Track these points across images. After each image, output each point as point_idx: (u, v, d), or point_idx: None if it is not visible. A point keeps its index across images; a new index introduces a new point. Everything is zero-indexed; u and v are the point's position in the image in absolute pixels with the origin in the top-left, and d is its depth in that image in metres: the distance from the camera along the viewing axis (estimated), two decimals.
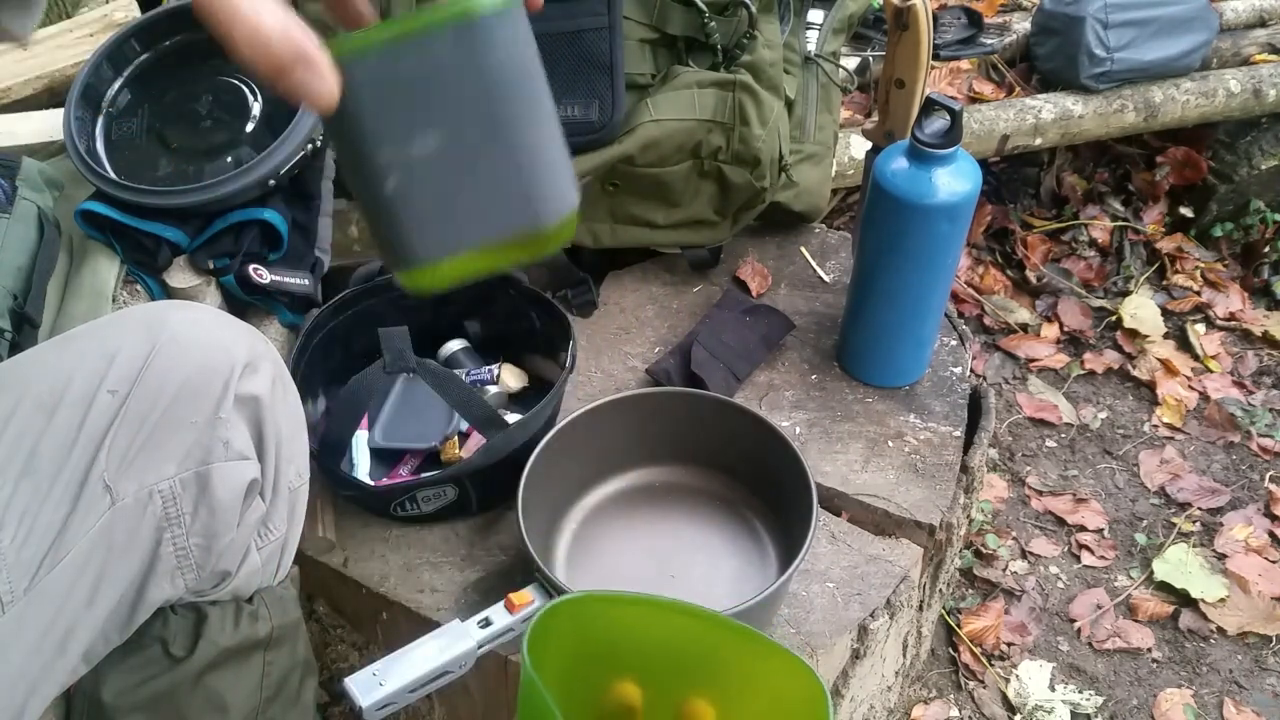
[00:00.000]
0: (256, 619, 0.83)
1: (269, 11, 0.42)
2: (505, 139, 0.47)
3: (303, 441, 0.85)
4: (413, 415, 1.19)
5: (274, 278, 1.13)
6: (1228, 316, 1.96)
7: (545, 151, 0.49)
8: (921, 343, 1.21)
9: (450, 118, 0.46)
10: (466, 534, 1.09)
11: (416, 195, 0.47)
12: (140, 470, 0.72)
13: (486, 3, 0.44)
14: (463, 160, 0.47)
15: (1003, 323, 1.93)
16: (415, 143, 0.46)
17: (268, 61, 0.42)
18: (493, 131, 0.47)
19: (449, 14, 0.44)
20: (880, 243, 1.13)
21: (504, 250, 0.49)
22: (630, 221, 1.30)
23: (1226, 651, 1.43)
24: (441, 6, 0.44)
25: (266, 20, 0.42)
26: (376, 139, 0.46)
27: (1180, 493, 1.64)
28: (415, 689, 0.82)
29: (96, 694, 0.78)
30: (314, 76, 0.43)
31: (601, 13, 1.17)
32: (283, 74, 0.42)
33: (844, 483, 1.12)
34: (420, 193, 0.47)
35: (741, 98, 1.21)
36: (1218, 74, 1.92)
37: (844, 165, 1.66)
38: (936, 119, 1.05)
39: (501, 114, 0.47)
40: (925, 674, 1.40)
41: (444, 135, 0.46)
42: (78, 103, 1.10)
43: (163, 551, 0.74)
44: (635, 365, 1.26)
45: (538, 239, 0.50)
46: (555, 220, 0.50)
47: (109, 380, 0.72)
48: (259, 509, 0.80)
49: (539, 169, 0.49)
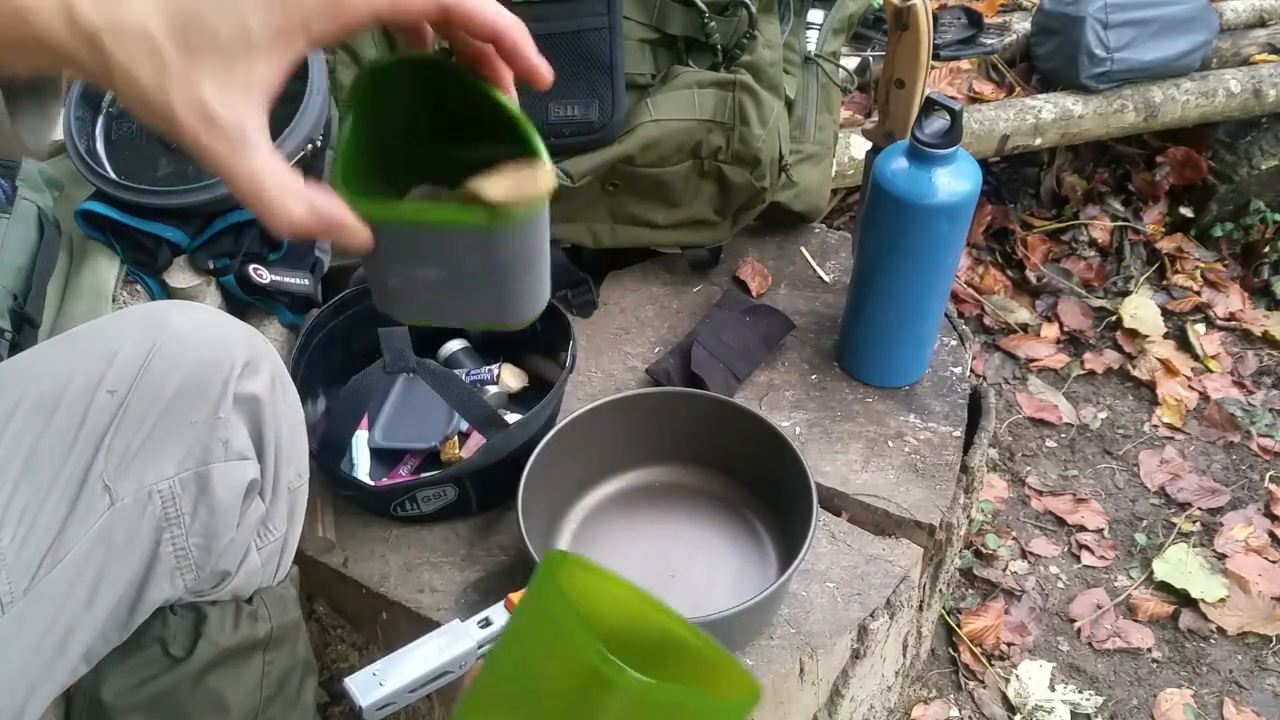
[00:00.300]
0: (256, 619, 0.83)
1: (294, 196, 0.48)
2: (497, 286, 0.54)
3: (302, 441, 0.85)
4: (413, 415, 1.19)
5: (274, 278, 1.13)
6: (1228, 316, 1.96)
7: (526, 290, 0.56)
8: (921, 343, 1.21)
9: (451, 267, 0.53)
10: (466, 534, 1.09)
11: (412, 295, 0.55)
12: (140, 470, 0.72)
13: (491, 221, 0.50)
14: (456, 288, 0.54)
15: (1003, 323, 1.93)
16: (419, 272, 0.53)
17: (308, 234, 0.49)
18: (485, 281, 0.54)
19: (470, 221, 0.50)
20: (880, 243, 1.13)
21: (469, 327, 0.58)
22: (630, 221, 1.30)
23: (1226, 651, 1.43)
24: (465, 210, 0.49)
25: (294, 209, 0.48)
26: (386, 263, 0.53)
27: (1180, 493, 1.64)
28: (415, 689, 0.82)
29: (96, 693, 0.78)
30: (348, 236, 0.50)
31: (601, 13, 1.17)
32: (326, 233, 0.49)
33: (844, 483, 1.12)
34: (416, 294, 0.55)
35: (741, 98, 1.21)
36: (1218, 74, 1.92)
37: (844, 165, 1.66)
38: (936, 119, 1.05)
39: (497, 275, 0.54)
40: (925, 674, 1.40)
41: (443, 274, 0.53)
42: (78, 103, 1.10)
43: (162, 551, 0.74)
44: (635, 365, 1.26)
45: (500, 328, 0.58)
46: (523, 322, 0.58)
47: (108, 380, 0.72)
48: (258, 509, 0.80)
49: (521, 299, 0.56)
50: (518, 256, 0.54)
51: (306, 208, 0.48)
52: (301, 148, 1.07)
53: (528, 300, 0.57)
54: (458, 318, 0.59)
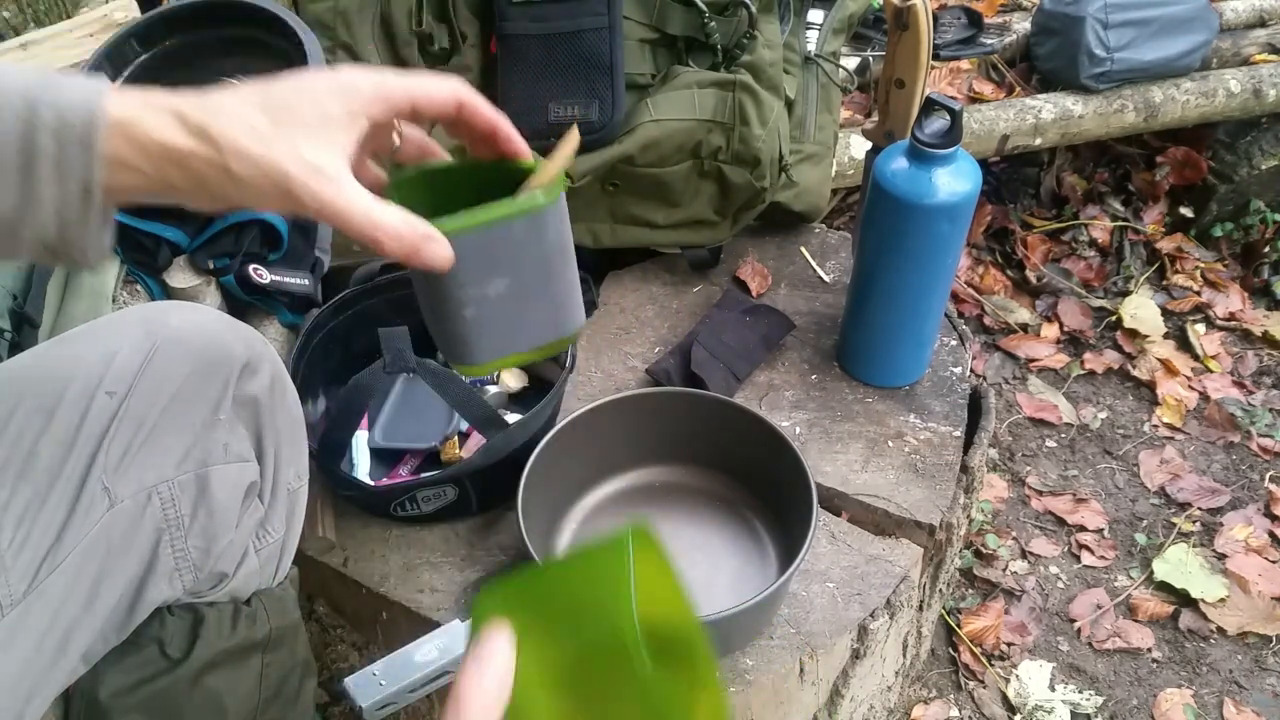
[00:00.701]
0: (254, 620, 0.83)
1: (387, 213, 0.57)
2: (549, 283, 0.66)
3: (302, 443, 0.85)
4: (413, 415, 1.19)
5: (274, 278, 1.13)
6: (1228, 316, 1.96)
7: (572, 289, 0.68)
8: (921, 343, 1.21)
9: (516, 270, 0.64)
10: (466, 534, 1.09)
11: (485, 320, 0.65)
12: (139, 472, 0.72)
13: (546, 199, 0.62)
14: (520, 297, 0.65)
15: (1003, 323, 1.93)
16: (490, 286, 0.63)
17: (405, 249, 0.58)
18: (543, 279, 0.65)
19: (525, 206, 0.62)
20: (880, 243, 1.13)
21: (533, 354, 0.69)
22: (630, 221, 1.30)
23: (1226, 651, 1.43)
24: (517, 201, 0.62)
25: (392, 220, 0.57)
26: (463, 283, 0.62)
27: (1180, 493, 1.64)
28: (415, 689, 0.82)
29: (94, 693, 0.77)
30: (439, 248, 0.59)
31: (601, 13, 1.17)
32: (417, 252, 0.58)
33: (844, 483, 1.12)
34: (488, 319, 0.65)
35: (741, 98, 1.21)
36: (1218, 74, 1.92)
37: (844, 165, 1.66)
38: (936, 119, 1.05)
39: (549, 268, 0.65)
40: (925, 674, 1.40)
41: (510, 281, 0.64)
42: None
43: (161, 553, 0.74)
44: (635, 365, 1.26)
45: (558, 346, 0.70)
46: (573, 332, 0.70)
47: (108, 381, 0.72)
48: (258, 511, 0.80)
49: (568, 302, 0.68)
50: (560, 244, 0.65)
51: (407, 226, 0.58)
52: None
53: (573, 305, 0.69)
54: (525, 341, 0.68)
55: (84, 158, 0.54)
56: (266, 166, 0.55)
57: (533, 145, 0.67)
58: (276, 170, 0.55)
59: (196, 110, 0.55)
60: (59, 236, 0.57)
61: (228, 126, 0.55)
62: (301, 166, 0.56)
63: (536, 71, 1.19)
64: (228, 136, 0.55)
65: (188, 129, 0.55)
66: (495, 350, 0.67)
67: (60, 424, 0.70)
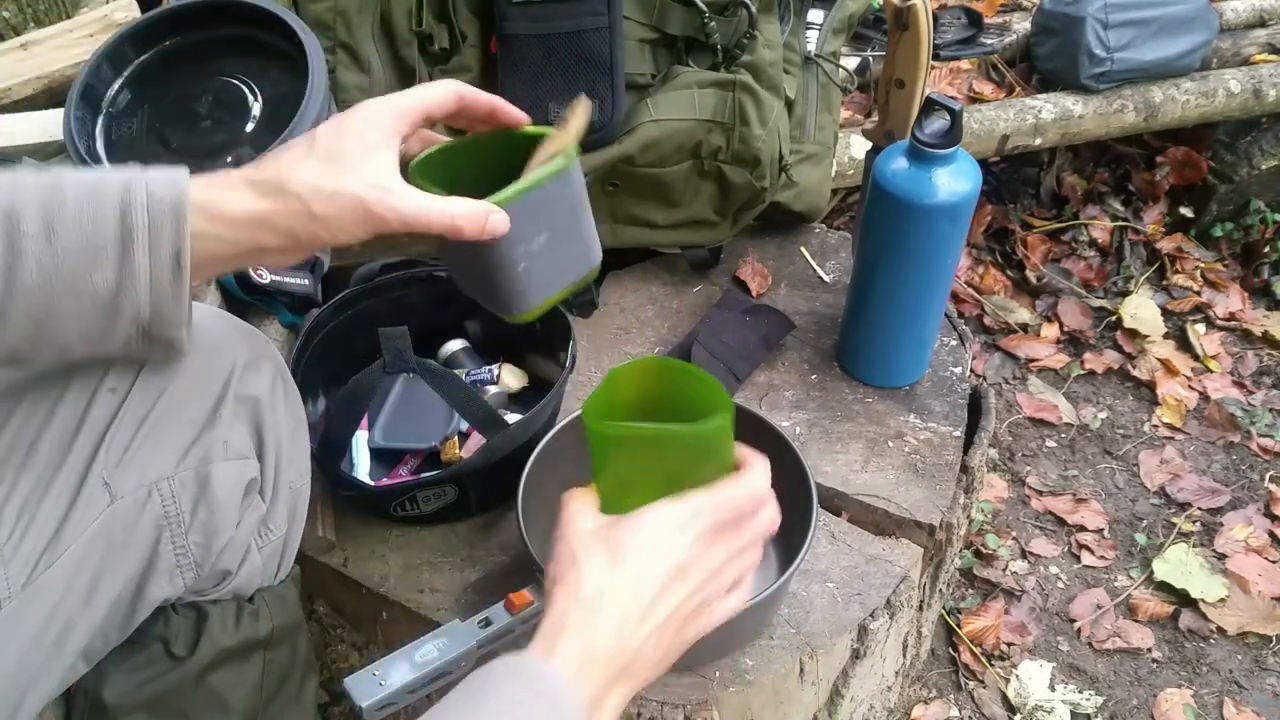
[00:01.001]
0: (257, 618, 0.83)
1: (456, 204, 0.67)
2: (578, 227, 0.77)
3: (305, 442, 0.85)
4: (413, 415, 1.19)
5: (274, 277, 1.13)
6: (1228, 316, 1.96)
7: (591, 229, 0.79)
8: (921, 343, 1.21)
9: (554, 223, 0.74)
10: (466, 534, 1.09)
11: (535, 270, 0.75)
12: (140, 468, 0.72)
13: (566, 160, 0.73)
14: (557, 244, 0.75)
15: (1003, 323, 1.93)
16: (535, 241, 0.73)
17: (477, 227, 0.68)
18: (574, 225, 0.77)
19: (557, 168, 0.73)
20: (880, 243, 1.13)
21: (568, 289, 0.79)
22: (630, 221, 1.30)
23: (1226, 651, 1.43)
24: (549, 166, 0.72)
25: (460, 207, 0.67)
26: (515, 241, 0.72)
27: (1180, 493, 1.64)
28: (415, 689, 0.82)
29: (98, 694, 0.78)
30: (500, 218, 0.69)
31: (601, 13, 1.17)
32: (485, 226, 0.68)
33: (844, 483, 1.12)
34: (537, 268, 0.75)
35: (741, 98, 1.21)
36: (1218, 74, 1.92)
37: (844, 165, 1.66)
38: (936, 119, 1.05)
39: (576, 215, 0.77)
40: (925, 674, 1.40)
41: (550, 233, 0.74)
42: (78, 103, 1.10)
43: (162, 550, 0.74)
44: None
45: (587, 278, 0.81)
46: (597, 263, 0.81)
47: (109, 379, 0.72)
48: (259, 508, 0.81)
49: (590, 240, 0.79)
50: (581, 194, 0.76)
51: (474, 209, 0.68)
52: None
53: (594, 242, 0.79)
54: (563, 279, 0.78)
55: (175, 227, 0.61)
56: (345, 199, 0.63)
57: None
58: (353, 199, 0.64)
59: (265, 175, 0.64)
60: (153, 312, 0.64)
61: (299, 178, 0.63)
62: (372, 189, 0.64)
63: (536, 71, 1.19)
64: (304, 186, 0.63)
65: (263, 193, 0.63)
66: (543, 294, 0.77)
67: (61, 420, 0.70)
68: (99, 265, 0.61)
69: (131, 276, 0.61)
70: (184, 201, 0.62)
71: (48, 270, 0.60)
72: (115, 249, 0.61)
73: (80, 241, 0.61)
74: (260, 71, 1.13)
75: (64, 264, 0.60)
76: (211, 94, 1.14)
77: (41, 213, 0.60)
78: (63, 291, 0.61)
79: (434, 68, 1.23)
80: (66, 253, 0.60)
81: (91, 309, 0.62)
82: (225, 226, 0.63)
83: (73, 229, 0.60)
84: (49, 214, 0.60)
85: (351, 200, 0.64)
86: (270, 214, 0.63)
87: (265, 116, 1.11)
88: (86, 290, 0.61)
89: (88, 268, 0.61)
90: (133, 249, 0.61)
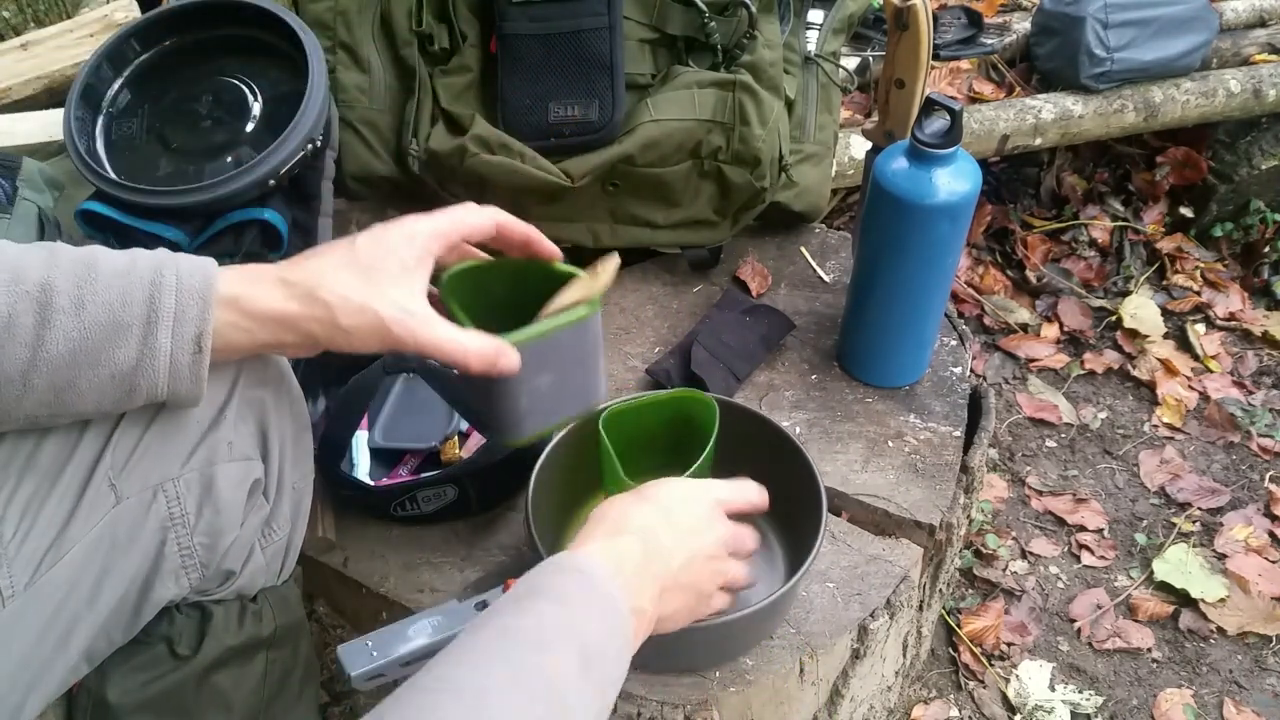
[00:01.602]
0: (261, 618, 0.83)
1: (470, 338, 0.70)
2: (586, 371, 0.80)
3: (307, 442, 0.86)
4: (413, 415, 1.19)
5: None
6: (1228, 316, 1.96)
7: (599, 372, 0.82)
8: (921, 343, 1.21)
9: (563, 366, 0.77)
10: (466, 534, 1.09)
11: (535, 406, 0.78)
12: (145, 469, 0.72)
13: (589, 310, 0.76)
14: (561, 385, 0.78)
15: (1003, 323, 1.93)
16: (541, 380, 0.76)
17: (486, 364, 0.71)
18: (582, 369, 0.79)
19: (577, 317, 0.76)
20: (880, 243, 1.13)
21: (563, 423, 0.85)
22: (630, 221, 1.30)
23: (1226, 651, 1.43)
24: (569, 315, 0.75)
25: (473, 342, 0.70)
26: (521, 380, 0.74)
27: (1180, 493, 1.64)
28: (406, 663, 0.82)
29: (101, 694, 0.78)
30: (511, 357, 0.72)
31: (601, 13, 1.17)
32: (494, 364, 0.71)
33: (844, 483, 1.12)
34: (537, 403, 0.78)
35: (741, 98, 1.21)
36: (1218, 74, 1.92)
37: (844, 165, 1.66)
38: (936, 119, 1.05)
39: (587, 360, 0.80)
40: (925, 674, 1.40)
41: (558, 375, 0.77)
42: (78, 103, 1.10)
43: (167, 550, 0.74)
44: (635, 365, 1.26)
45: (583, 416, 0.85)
46: (599, 406, 0.85)
47: None
48: (263, 509, 0.81)
49: (597, 384, 0.82)
50: (595, 342, 0.79)
51: (485, 345, 0.71)
52: (302, 147, 1.07)
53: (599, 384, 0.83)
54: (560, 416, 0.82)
55: (200, 311, 0.64)
56: (369, 316, 0.67)
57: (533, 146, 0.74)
58: (377, 319, 0.67)
59: (299, 277, 0.67)
60: (170, 391, 0.66)
61: (331, 287, 0.67)
62: (395, 311, 0.67)
63: (536, 71, 1.19)
64: (335, 296, 0.66)
65: (294, 295, 0.67)
66: (537, 427, 0.81)
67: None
68: (122, 341, 0.64)
69: (152, 354, 0.64)
70: (211, 287, 0.65)
71: (74, 342, 0.63)
72: (140, 327, 0.64)
73: (107, 317, 0.63)
74: (260, 71, 1.13)
75: (90, 337, 0.63)
76: (211, 94, 1.13)
77: (74, 288, 0.63)
78: (85, 363, 0.63)
79: (434, 67, 1.23)
80: (93, 327, 0.63)
81: (110, 383, 0.65)
82: (253, 321, 0.66)
83: (102, 306, 0.63)
84: (81, 289, 0.63)
85: (374, 319, 0.67)
86: (297, 317, 0.66)
87: (265, 116, 1.11)
88: (107, 364, 0.64)
89: (111, 343, 0.63)
90: (156, 329, 0.64)
